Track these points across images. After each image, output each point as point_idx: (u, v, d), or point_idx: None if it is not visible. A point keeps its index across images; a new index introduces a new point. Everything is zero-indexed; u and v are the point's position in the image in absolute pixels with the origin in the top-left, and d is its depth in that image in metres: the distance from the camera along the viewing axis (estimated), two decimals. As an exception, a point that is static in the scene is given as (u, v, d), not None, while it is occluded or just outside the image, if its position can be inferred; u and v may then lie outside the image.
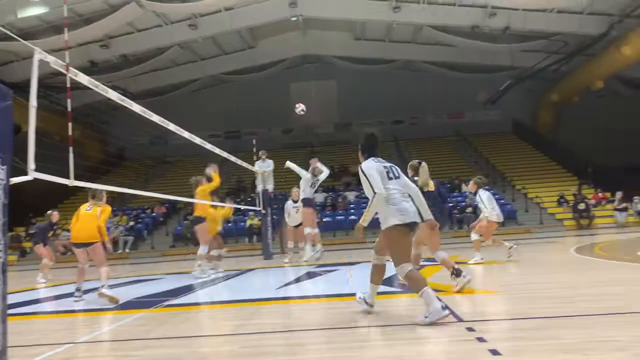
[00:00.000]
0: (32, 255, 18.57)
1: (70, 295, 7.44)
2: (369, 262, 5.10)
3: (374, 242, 5.02)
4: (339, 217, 22.16)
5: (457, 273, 6.01)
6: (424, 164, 6.71)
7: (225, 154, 11.06)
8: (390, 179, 4.74)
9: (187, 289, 8.29)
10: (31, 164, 3.95)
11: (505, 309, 5.19)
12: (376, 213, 4.71)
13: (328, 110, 32.04)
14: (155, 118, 6.90)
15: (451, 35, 25.31)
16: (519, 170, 26.49)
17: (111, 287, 7.26)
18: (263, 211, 14.42)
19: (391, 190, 4.66)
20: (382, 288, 6.47)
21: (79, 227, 7.20)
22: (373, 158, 4.87)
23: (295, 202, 12.68)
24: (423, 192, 6.13)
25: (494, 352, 3.33)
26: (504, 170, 26.46)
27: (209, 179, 10.24)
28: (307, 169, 12.45)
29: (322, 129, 32.48)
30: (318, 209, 17.55)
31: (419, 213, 4.84)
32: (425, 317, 4.26)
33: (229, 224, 21.95)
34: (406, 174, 5.72)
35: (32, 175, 3.96)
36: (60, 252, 19.84)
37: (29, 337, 4.90)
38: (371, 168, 4.72)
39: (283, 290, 7.75)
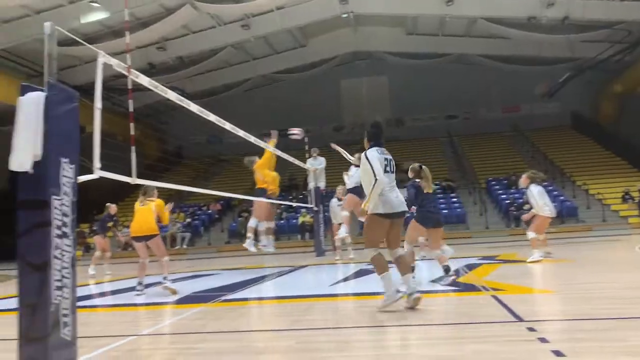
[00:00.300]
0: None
1: (132, 289, 7.75)
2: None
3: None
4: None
5: (412, 269, 6.34)
6: (425, 167, 7.07)
7: (278, 152, 11.24)
8: (386, 172, 5.16)
9: (243, 285, 8.46)
10: (97, 163, 4.12)
11: (567, 309, 5.02)
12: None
13: (380, 106, 31.82)
14: (212, 117, 7.07)
15: (506, 28, 24.57)
16: (579, 165, 25.46)
17: (171, 281, 7.54)
18: (315, 208, 14.53)
19: None
20: (437, 287, 6.44)
21: (137, 222, 7.60)
22: (377, 148, 5.29)
23: (340, 200, 12.60)
24: (423, 193, 6.91)
25: (557, 353, 3.23)
26: (563, 166, 25.48)
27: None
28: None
29: (374, 125, 32.24)
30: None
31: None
32: (384, 301, 4.94)
33: (282, 221, 22.23)
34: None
35: (97, 173, 4.13)
36: (122, 248, 20.67)
37: (95, 329, 5.14)
38: (374, 157, 5.16)
39: (336, 287, 7.80)
